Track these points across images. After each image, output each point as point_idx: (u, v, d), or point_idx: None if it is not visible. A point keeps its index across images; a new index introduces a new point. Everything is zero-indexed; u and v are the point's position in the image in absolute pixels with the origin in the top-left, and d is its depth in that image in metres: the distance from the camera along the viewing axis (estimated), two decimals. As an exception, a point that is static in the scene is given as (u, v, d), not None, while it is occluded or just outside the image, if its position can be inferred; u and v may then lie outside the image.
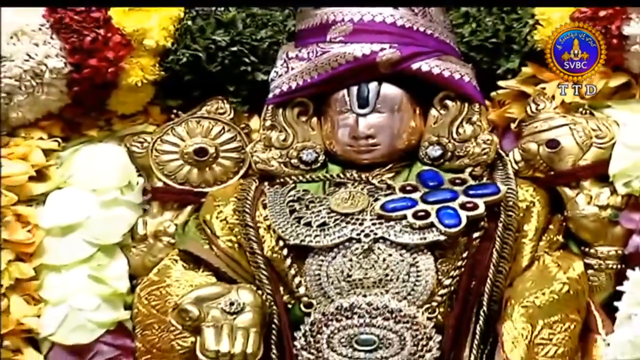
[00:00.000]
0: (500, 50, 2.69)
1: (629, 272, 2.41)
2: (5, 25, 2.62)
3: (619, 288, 2.43)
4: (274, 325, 2.49)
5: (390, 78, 2.56)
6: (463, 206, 2.43)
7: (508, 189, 2.51)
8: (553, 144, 2.60)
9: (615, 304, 2.42)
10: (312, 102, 2.61)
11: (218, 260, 2.55)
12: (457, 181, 2.50)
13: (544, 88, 2.68)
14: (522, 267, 2.51)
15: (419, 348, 2.43)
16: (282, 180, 2.59)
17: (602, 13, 2.62)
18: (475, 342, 2.48)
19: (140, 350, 2.57)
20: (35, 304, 2.60)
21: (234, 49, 2.67)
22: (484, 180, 2.55)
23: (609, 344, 2.43)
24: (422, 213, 2.43)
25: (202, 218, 2.62)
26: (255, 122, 2.73)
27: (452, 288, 2.46)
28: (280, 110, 2.63)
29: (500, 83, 2.68)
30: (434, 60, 2.56)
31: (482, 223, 2.46)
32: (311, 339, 2.45)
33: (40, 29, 2.56)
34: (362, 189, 2.52)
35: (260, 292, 2.47)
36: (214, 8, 2.75)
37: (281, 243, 2.49)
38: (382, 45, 2.53)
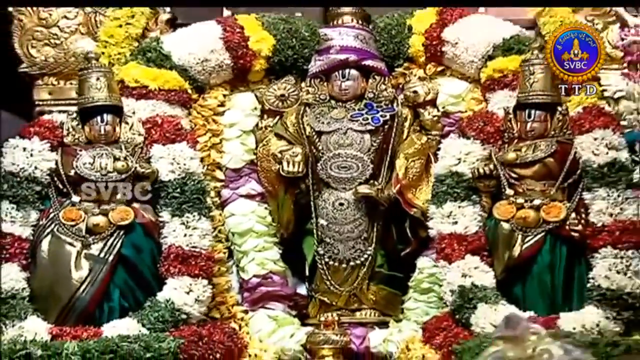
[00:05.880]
0: (395, 56, 4.69)
1: (443, 141, 4.48)
2: (209, 43, 4.54)
3: (440, 147, 4.49)
4: (309, 160, 4.59)
5: (355, 67, 4.62)
6: (381, 116, 4.61)
7: (399, 109, 4.64)
8: (415, 92, 4.66)
9: (438, 153, 4.47)
10: (324, 76, 4.65)
11: (289, 136, 4.66)
12: (379, 106, 4.63)
13: (412, 71, 4.68)
14: (403, 139, 4.60)
15: (363, 169, 4.61)
16: (313, 106, 4.65)
17: (435, 42, 4.52)
18: (385, 167, 4.60)
19: (259, 170, 4.69)
20: (220, 153, 4.69)
21: (295, 56, 4.70)
22: (389, 105, 4.64)
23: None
24: (366, 117, 4.61)
25: (283, 120, 4.69)
26: (303, 85, 4.68)
27: (377, 146, 4.59)
28: (312, 80, 4.67)
29: (396, 69, 4.70)
30: (371, 60, 4.65)
31: (388, 122, 4.59)
32: (323, 166, 4.61)
33: (221, 49, 4.60)
34: (343, 109, 4.64)
35: (305, 148, 4.59)
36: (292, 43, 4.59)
37: (313, 130, 4.64)
38: (351, 55, 4.63)
